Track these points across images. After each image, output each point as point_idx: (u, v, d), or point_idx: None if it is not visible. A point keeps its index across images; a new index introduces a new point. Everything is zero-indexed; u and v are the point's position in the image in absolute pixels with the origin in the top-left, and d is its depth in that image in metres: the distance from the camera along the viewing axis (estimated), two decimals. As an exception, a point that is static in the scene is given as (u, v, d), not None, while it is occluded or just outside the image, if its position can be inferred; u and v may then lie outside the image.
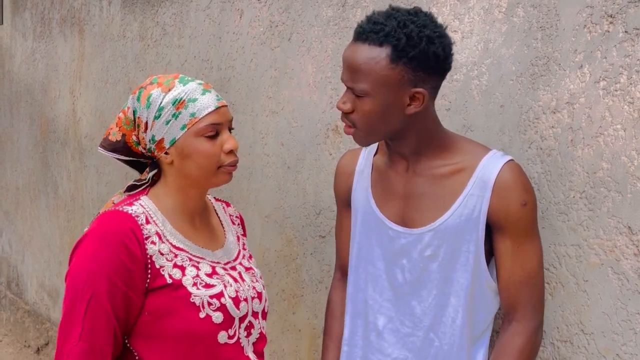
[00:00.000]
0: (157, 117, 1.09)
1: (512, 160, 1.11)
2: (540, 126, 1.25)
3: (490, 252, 1.13)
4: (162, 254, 1.08)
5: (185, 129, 1.08)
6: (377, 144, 1.26)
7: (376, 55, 1.02)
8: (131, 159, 1.19)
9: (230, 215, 1.32)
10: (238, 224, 1.32)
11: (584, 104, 1.18)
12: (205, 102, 1.09)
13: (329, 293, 1.39)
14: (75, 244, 1.08)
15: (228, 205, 1.35)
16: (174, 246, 1.11)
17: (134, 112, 1.13)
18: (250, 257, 1.28)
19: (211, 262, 1.15)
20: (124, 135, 1.16)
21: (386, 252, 1.18)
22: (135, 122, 1.13)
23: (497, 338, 1.13)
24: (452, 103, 1.41)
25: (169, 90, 1.10)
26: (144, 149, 1.15)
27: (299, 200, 1.89)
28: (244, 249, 1.28)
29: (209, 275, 1.12)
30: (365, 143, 1.13)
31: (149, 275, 1.06)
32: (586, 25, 1.17)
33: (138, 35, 2.66)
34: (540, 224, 1.20)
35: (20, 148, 4.01)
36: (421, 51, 1.02)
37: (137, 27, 2.67)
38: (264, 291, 1.22)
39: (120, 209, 1.09)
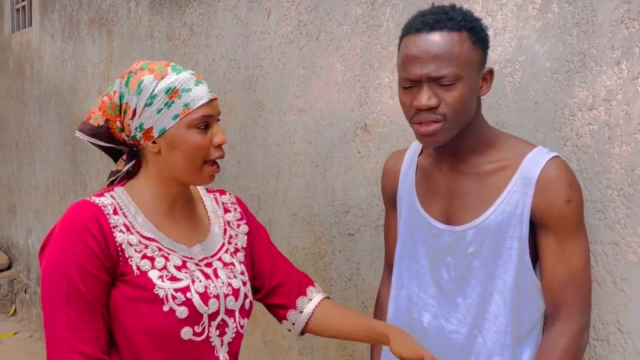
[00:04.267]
0: (148, 105, 1.05)
1: (557, 156, 1.10)
2: (576, 123, 1.23)
3: (537, 251, 1.12)
4: (130, 245, 1.06)
5: (178, 119, 1.05)
6: (422, 144, 1.26)
7: (459, 38, 1.04)
8: (110, 145, 1.13)
9: (223, 204, 1.25)
10: (235, 210, 1.26)
11: (622, 100, 1.16)
12: (199, 93, 1.06)
13: (379, 289, 1.41)
14: (46, 237, 1.07)
15: (222, 193, 1.28)
16: (144, 237, 1.08)
17: (121, 97, 1.08)
18: (235, 251, 1.21)
19: (183, 256, 1.11)
20: (107, 120, 1.10)
21: (430, 250, 1.18)
22: (121, 108, 1.08)
23: (541, 338, 1.12)
24: (484, 100, 1.40)
25: (162, 77, 1.06)
26: (127, 136, 1.10)
27: (327, 198, 1.90)
28: (230, 242, 1.21)
29: (178, 268, 1.08)
30: (448, 138, 1.08)
31: (120, 261, 1.04)
32: (623, 20, 1.16)
33: (166, 35, 2.70)
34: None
35: (50, 147, 4.09)
36: (487, 34, 1.10)
37: (165, 28, 2.70)
38: (242, 288, 1.15)
39: (88, 198, 1.08)
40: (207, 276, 1.11)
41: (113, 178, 1.14)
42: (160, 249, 1.08)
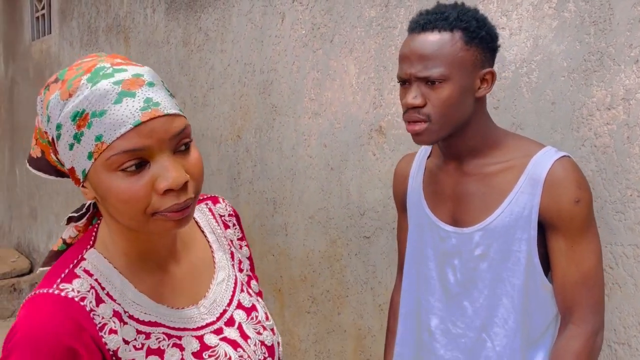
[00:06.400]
0: (58, 138, 0.71)
1: (565, 156, 1.07)
2: (594, 123, 1.22)
3: (547, 253, 1.10)
4: (127, 342, 0.73)
5: (92, 159, 0.69)
6: (431, 147, 1.25)
7: (449, 39, 1.03)
8: (59, 178, 0.82)
9: (220, 217, 0.92)
10: (233, 225, 0.94)
11: (641, 99, 1.14)
12: (119, 116, 0.67)
13: (392, 295, 1.40)
14: (5, 342, 0.71)
15: (216, 201, 0.94)
16: (143, 322, 0.75)
17: (44, 122, 0.75)
18: (249, 280, 0.92)
19: (197, 328, 0.79)
20: (42, 151, 0.79)
21: (437, 252, 1.17)
22: (46, 137, 0.76)
23: (554, 341, 1.10)
24: (500, 101, 1.39)
25: (70, 96, 0.69)
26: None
27: (343, 201, 1.89)
28: (241, 269, 0.91)
29: (198, 355, 0.78)
30: (435, 138, 1.08)
31: None
32: (642, 18, 1.14)
33: (182, 41, 2.72)
34: (596, 223, 1.16)
35: (69, 153, 4.14)
36: (487, 32, 1.06)
37: (181, 33, 2.73)
38: (274, 338, 0.87)
39: (56, 291, 0.71)
40: (235, 345, 0.81)
41: (73, 215, 0.81)
42: (168, 335, 0.76)
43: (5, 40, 5.55)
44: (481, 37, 1.05)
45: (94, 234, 0.80)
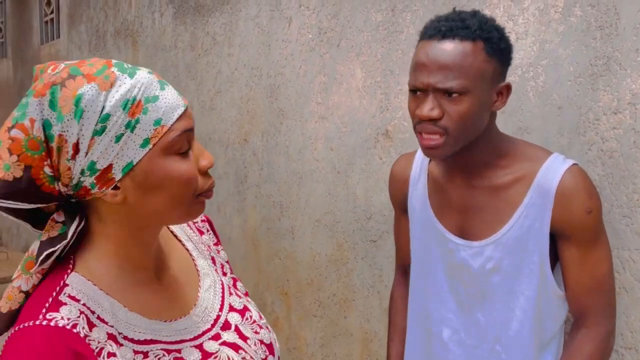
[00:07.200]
0: (99, 132, 0.67)
1: (574, 164, 1.06)
2: (600, 127, 1.22)
3: (554, 258, 1.10)
4: None
5: (149, 146, 0.68)
6: None
7: (472, 49, 0.97)
8: (33, 206, 0.69)
9: (194, 224, 0.93)
10: (207, 230, 0.93)
11: (648, 104, 1.14)
12: (171, 100, 0.70)
13: (392, 290, 1.39)
14: None
15: None
16: (139, 341, 0.72)
17: (46, 127, 0.66)
18: (235, 283, 0.91)
19: (195, 337, 0.78)
20: (28, 168, 0.66)
21: (447, 264, 1.15)
22: (49, 145, 0.67)
23: (566, 345, 1.10)
24: (506, 105, 1.39)
25: (112, 85, 0.67)
26: (66, 185, 0.69)
27: (349, 204, 1.90)
28: (224, 273, 0.90)
29: None
30: (449, 153, 1.01)
31: None
32: (648, 22, 1.14)
33: (189, 45, 2.74)
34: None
35: (77, 156, 4.17)
36: (508, 45, 1.02)
37: (188, 37, 2.75)
38: (271, 335, 0.87)
39: (44, 322, 0.66)
40: (236, 347, 0.80)
41: (53, 250, 0.71)
42: (167, 351, 0.74)
43: (14, 44, 5.60)
44: (502, 50, 1.00)
45: (71, 260, 0.74)
